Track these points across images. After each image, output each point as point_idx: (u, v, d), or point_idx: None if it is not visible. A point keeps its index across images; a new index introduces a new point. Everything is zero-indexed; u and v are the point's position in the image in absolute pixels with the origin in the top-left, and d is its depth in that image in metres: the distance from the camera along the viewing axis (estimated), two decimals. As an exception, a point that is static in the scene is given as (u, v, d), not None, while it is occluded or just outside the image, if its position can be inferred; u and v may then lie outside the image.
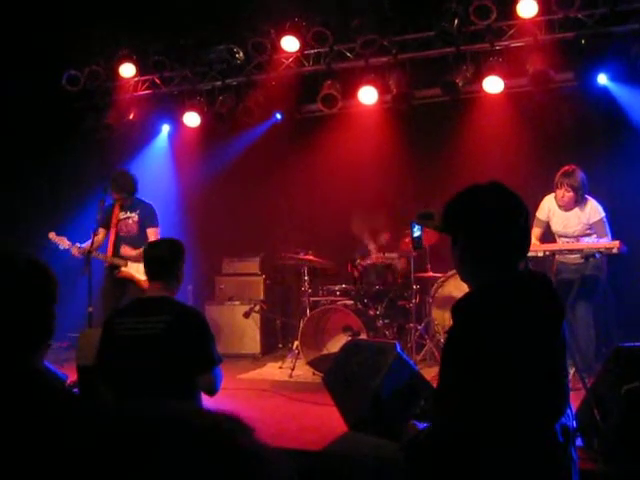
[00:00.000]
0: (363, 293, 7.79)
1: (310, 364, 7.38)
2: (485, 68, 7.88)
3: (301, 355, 7.45)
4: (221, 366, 3.76)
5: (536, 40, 7.60)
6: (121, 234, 7.44)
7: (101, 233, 7.46)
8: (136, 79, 9.17)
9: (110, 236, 7.40)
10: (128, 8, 8.18)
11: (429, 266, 7.87)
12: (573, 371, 5.64)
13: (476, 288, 2.40)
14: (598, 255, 5.82)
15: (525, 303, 2.27)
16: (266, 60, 8.64)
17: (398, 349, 4.75)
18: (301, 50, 8.42)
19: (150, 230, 7.41)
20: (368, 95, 8.36)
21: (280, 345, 9.23)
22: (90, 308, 6.89)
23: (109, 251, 7.36)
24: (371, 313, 7.60)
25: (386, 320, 7.69)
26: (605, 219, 6.44)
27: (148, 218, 7.48)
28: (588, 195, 6.52)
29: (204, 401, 3.78)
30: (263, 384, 7.09)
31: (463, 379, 2.21)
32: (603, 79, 7.75)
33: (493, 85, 7.86)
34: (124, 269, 7.27)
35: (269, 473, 0.90)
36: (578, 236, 6.51)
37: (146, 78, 9.19)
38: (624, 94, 7.75)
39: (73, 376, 5.87)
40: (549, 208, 6.68)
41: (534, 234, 6.62)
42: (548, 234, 6.76)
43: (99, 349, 3.79)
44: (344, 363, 5.18)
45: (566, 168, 6.47)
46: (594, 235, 6.46)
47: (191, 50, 8.79)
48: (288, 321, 9.16)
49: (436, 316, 7.59)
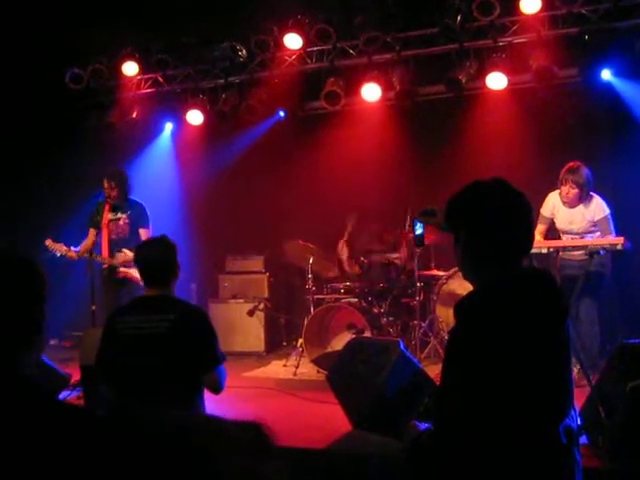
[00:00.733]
0: (367, 291, 7.78)
1: (314, 362, 7.38)
2: (488, 64, 7.85)
3: (305, 353, 7.44)
4: (225, 364, 3.74)
5: (539, 36, 7.57)
6: (112, 236, 7.31)
7: (91, 233, 7.39)
8: (139, 77, 9.15)
9: (103, 237, 7.27)
10: (131, 6, 8.16)
11: (433, 263, 7.86)
12: (578, 368, 5.63)
13: (478, 287, 2.38)
14: (602, 252, 5.80)
15: (528, 302, 2.24)
16: (269, 58, 8.62)
17: (402, 347, 4.73)
18: (304, 47, 8.39)
19: (142, 231, 7.31)
20: (371, 92, 8.34)
21: (284, 343, 9.23)
22: (93, 307, 6.89)
23: (105, 252, 7.25)
24: (375, 311, 7.60)
25: (390, 318, 7.68)
26: (610, 216, 6.41)
27: (139, 218, 7.36)
28: (593, 192, 6.50)
29: (209, 400, 3.77)
30: (267, 382, 7.09)
31: (465, 380, 2.19)
32: (607, 74, 7.70)
33: (496, 81, 7.83)
34: (123, 269, 7.21)
35: None
36: (582, 233, 6.49)
37: (149, 76, 9.17)
38: (628, 89, 7.71)
39: (77, 375, 5.89)
40: (553, 205, 6.65)
41: (538, 231, 6.60)
42: (552, 231, 6.74)
43: (100, 348, 3.77)
44: (348, 361, 5.17)
45: (571, 164, 6.45)
46: (598, 232, 6.43)
47: (194, 48, 8.78)
48: (292, 319, 9.16)
49: (440, 313, 7.58)
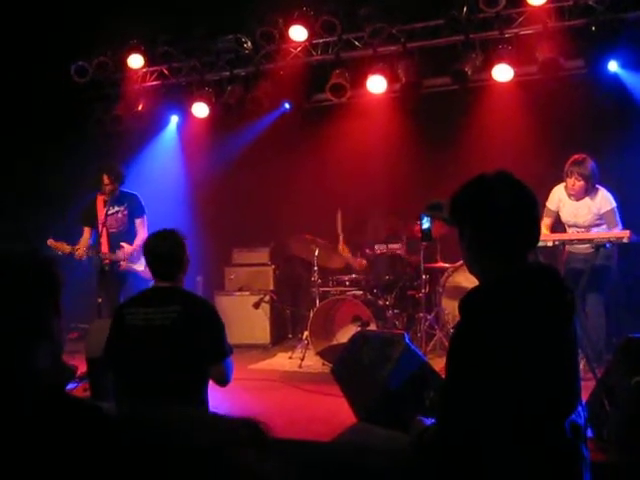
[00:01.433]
0: (373, 283, 7.78)
1: (320, 354, 7.39)
2: (494, 56, 7.82)
3: (311, 345, 7.45)
4: (232, 357, 3.75)
5: (546, 27, 7.54)
6: (112, 230, 7.32)
7: (87, 232, 7.38)
8: (144, 70, 9.15)
9: (102, 233, 7.24)
10: (136, -1, 8.19)
11: (439, 256, 7.85)
12: (584, 361, 5.62)
13: (483, 282, 2.37)
14: (609, 245, 5.79)
15: (533, 297, 2.23)
16: (274, 50, 8.61)
17: (407, 340, 4.72)
18: (309, 39, 8.38)
19: (138, 220, 7.37)
20: (377, 84, 8.32)
21: (290, 335, 9.25)
22: (99, 299, 6.90)
23: (105, 248, 7.26)
24: (380, 303, 7.59)
25: (396, 310, 7.67)
26: (616, 209, 6.38)
27: (136, 209, 7.41)
28: (599, 185, 6.47)
29: (215, 391, 3.78)
30: (273, 374, 7.10)
31: (469, 375, 2.18)
32: (614, 66, 7.66)
33: (502, 73, 7.80)
34: (124, 263, 7.23)
35: None
36: (588, 226, 6.46)
37: (154, 69, 9.17)
38: (635, 81, 7.67)
39: (83, 368, 5.90)
40: (559, 198, 6.63)
41: (544, 224, 6.58)
42: (558, 224, 6.72)
43: (108, 339, 3.79)
44: (352, 355, 5.16)
45: (576, 157, 6.42)
46: (604, 225, 6.41)
47: (199, 40, 8.76)
48: (298, 311, 9.16)
49: (446, 306, 7.57)
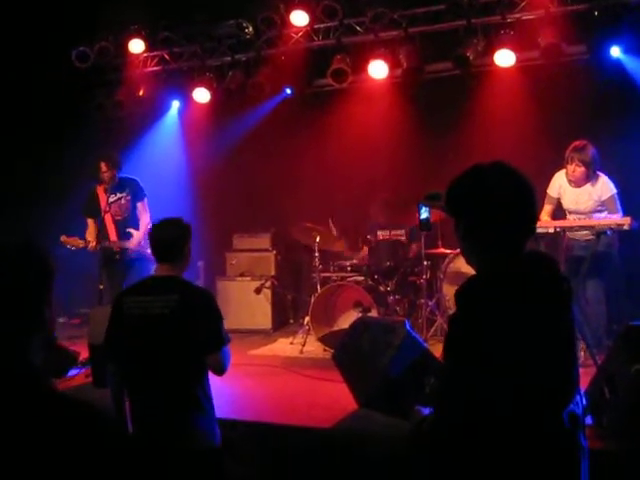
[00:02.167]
0: (374, 269, 7.79)
1: (321, 340, 7.42)
2: (496, 41, 7.79)
3: (312, 331, 7.47)
4: (229, 345, 3.77)
5: (548, 12, 7.49)
6: (117, 218, 7.32)
7: (91, 222, 7.34)
8: (145, 55, 9.13)
9: (107, 221, 7.24)
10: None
11: (440, 242, 7.85)
12: (584, 348, 5.65)
13: (478, 271, 2.37)
14: (610, 232, 5.78)
15: (529, 286, 2.22)
16: (276, 35, 8.58)
17: (408, 327, 4.75)
18: (311, 24, 8.35)
19: (139, 204, 7.36)
20: (378, 69, 8.29)
21: (291, 321, 9.28)
22: (101, 285, 6.90)
23: (113, 236, 7.27)
24: (382, 289, 7.61)
25: (397, 296, 7.70)
26: (616, 195, 6.38)
27: (137, 193, 7.40)
28: (599, 171, 6.46)
29: (214, 379, 3.79)
30: (274, 360, 7.11)
31: (465, 365, 2.18)
32: (616, 51, 7.61)
33: (504, 58, 7.77)
34: (134, 248, 7.23)
35: None
36: (589, 213, 6.46)
37: (155, 54, 9.14)
38: (638, 67, 7.64)
39: (85, 353, 5.95)
40: (560, 184, 6.62)
41: (545, 211, 6.59)
42: (559, 211, 6.72)
43: (108, 328, 3.80)
44: (353, 341, 5.19)
45: (577, 143, 6.41)
46: (605, 212, 6.41)
47: (200, 26, 8.74)
48: (299, 297, 9.20)
49: (447, 292, 7.58)
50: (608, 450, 3.84)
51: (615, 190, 6.40)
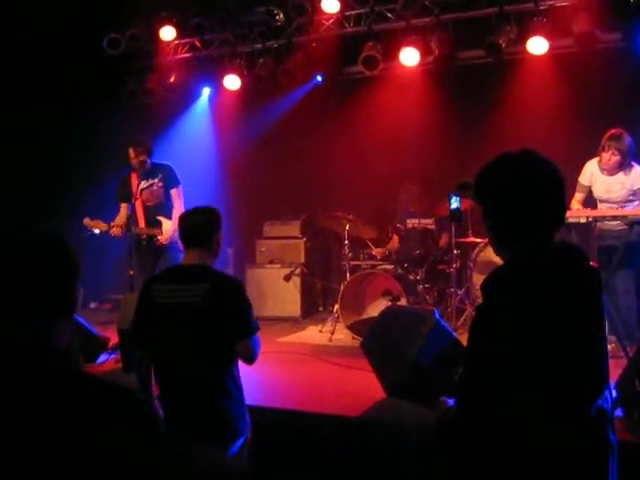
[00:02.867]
0: (403, 258, 7.77)
1: (350, 328, 7.42)
2: (529, 29, 7.70)
3: (341, 319, 7.48)
4: (259, 334, 3.77)
5: (582, -1, 7.40)
6: (148, 204, 7.26)
7: (123, 207, 7.30)
8: (176, 42, 9.15)
9: (137, 207, 7.19)
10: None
11: (470, 231, 7.81)
12: (615, 340, 5.59)
13: (506, 262, 2.34)
14: (643, 222, 5.71)
15: (557, 277, 2.19)
16: (306, 22, 8.56)
17: (437, 316, 4.72)
18: (342, 11, 8.33)
19: (173, 191, 7.29)
20: (410, 57, 8.24)
21: (320, 308, 9.30)
22: (131, 271, 6.91)
23: (141, 222, 7.22)
24: (411, 278, 7.59)
25: (426, 285, 7.67)
26: (649, 186, 6.31)
27: (171, 180, 7.33)
28: (633, 161, 6.39)
29: (243, 366, 3.81)
30: (303, 348, 7.12)
31: (490, 357, 2.16)
32: (653, 39, 7.51)
33: (537, 46, 7.68)
34: (161, 237, 7.23)
35: None
36: (621, 202, 6.38)
37: (186, 41, 9.16)
38: (675, 54, 7.51)
39: (115, 338, 6.00)
40: (591, 172, 6.56)
41: (577, 199, 6.53)
42: (590, 198, 6.65)
43: (135, 315, 3.81)
44: (382, 330, 5.18)
45: (613, 131, 6.33)
46: (637, 201, 6.33)
47: (231, 12, 8.74)
48: (328, 284, 9.20)
49: (477, 281, 7.53)
50: (639, 443, 3.81)
51: (648, 180, 6.32)
